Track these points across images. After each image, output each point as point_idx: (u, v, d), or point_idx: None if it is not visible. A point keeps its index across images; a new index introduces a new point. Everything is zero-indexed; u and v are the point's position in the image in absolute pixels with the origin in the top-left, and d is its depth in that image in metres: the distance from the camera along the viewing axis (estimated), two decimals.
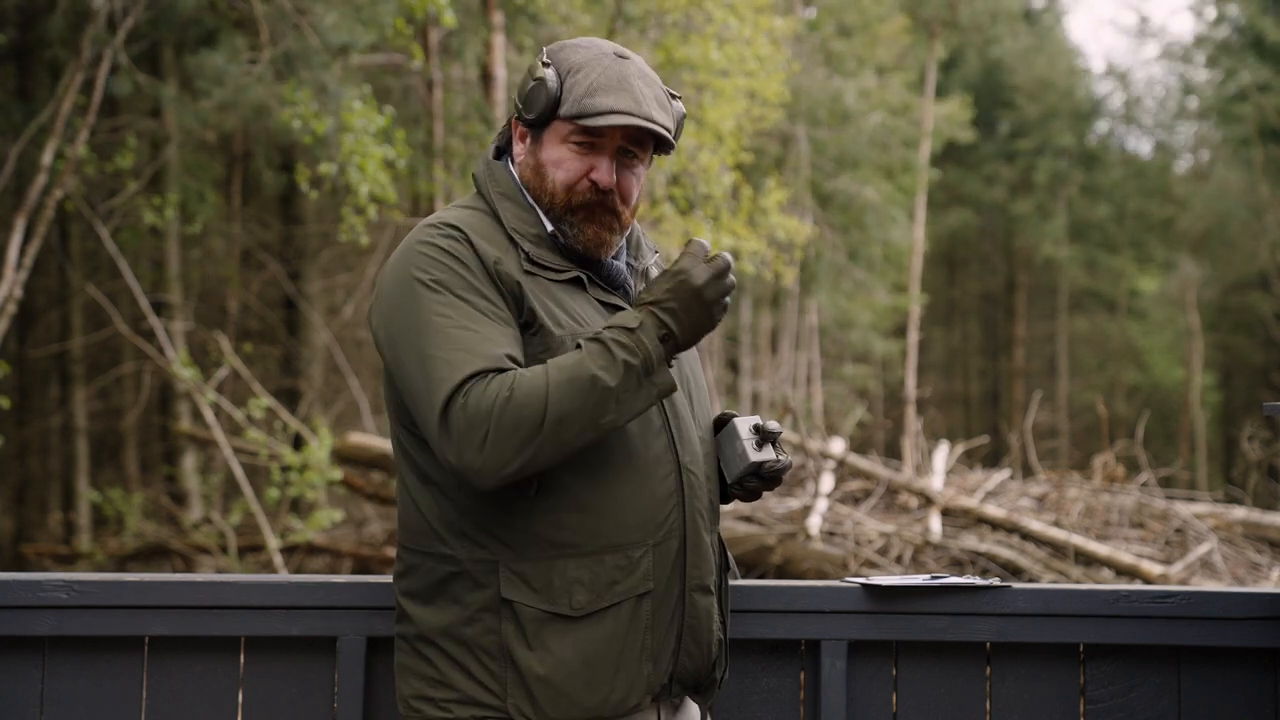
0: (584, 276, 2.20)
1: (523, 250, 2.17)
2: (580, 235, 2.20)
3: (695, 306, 2.08)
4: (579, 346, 2.06)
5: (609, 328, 2.06)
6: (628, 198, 2.21)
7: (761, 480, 2.32)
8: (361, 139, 8.78)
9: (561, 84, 2.17)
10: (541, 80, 2.18)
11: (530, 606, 2.10)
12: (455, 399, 2.01)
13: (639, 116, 2.15)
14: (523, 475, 2.04)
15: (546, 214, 2.22)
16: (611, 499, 2.12)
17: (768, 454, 2.29)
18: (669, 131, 2.20)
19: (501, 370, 2.03)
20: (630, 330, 2.04)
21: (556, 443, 2.02)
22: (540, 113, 2.18)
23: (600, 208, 2.19)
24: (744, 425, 2.30)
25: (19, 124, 10.67)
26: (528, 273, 2.15)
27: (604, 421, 2.03)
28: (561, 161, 2.18)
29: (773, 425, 2.29)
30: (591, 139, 2.18)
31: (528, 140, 2.24)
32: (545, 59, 2.21)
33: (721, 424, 2.36)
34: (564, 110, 2.16)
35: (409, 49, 11.09)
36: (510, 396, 2.00)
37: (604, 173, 2.18)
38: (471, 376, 2.02)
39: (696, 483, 2.21)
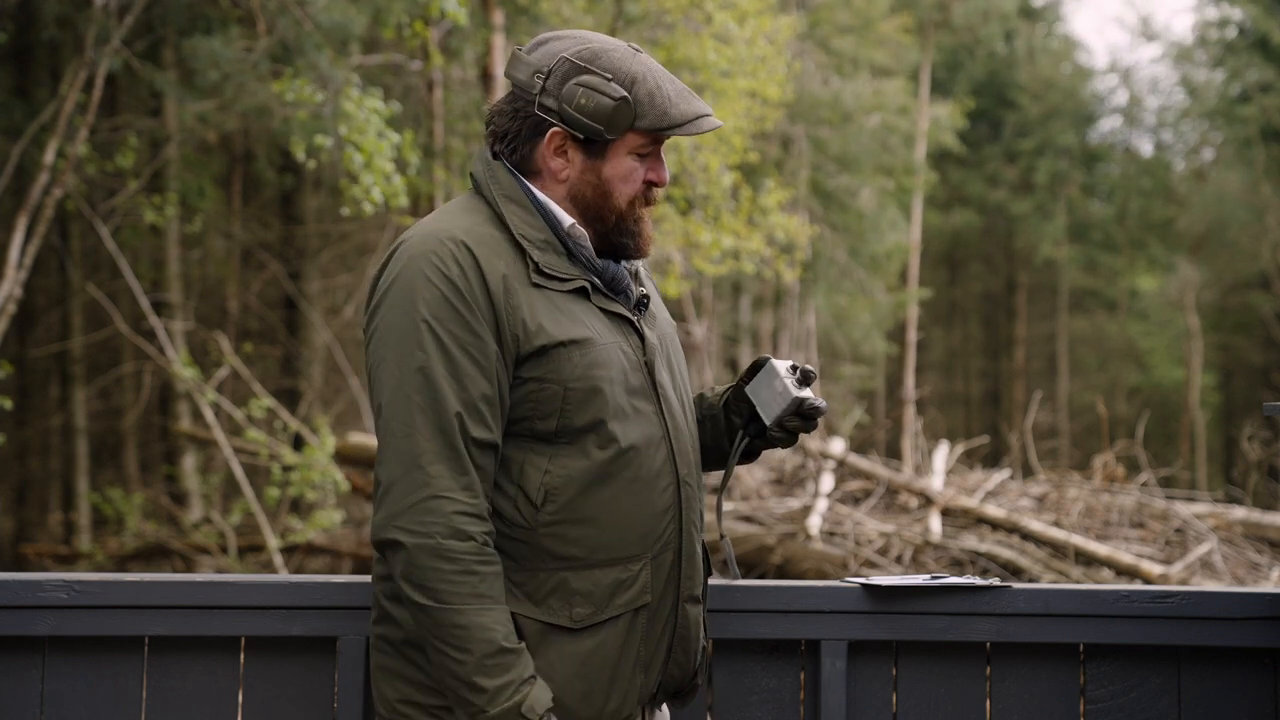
0: (588, 285, 2.16)
1: (531, 259, 2.13)
2: (642, 240, 2.21)
3: None
4: (517, 664, 2.03)
5: (513, 682, 2.02)
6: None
7: (802, 418, 2.31)
8: (359, 126, 8.67)
9: (631, 97, 2.13)
10: (611, 96, 2.11)
11: (529, 618, 2.09)
12: (424, 524, 2.02)
13: (714, 117, 2.18)
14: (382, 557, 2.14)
15: (601, 228, 2.19)
16: (615, 512, 2.11)
17: (808, 392, 2.29)
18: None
19: (470, 513, 2.04)
20: (507, 712, 2.02)
21: (405, 610, 2.10)
22: (622, 129, 2.14)
23: (648, 206, 2.22)
24: (781, 366, 2.31)
25: (20, 123, 10.67)
26: (535, 285, 2.11)
27: (427, 655, 2.08)
28: (629, 174, 2.17)
29: (809, 366, 2.30)
30: (657, 147, 2.19)
31: (579, 157, 2.17)
32: (599, 71, 2.14)
33: (758, 367, 2.34)
34: (645, 123, 2.13)
35: (425, 49, 11.06)
36: (452, 569, 2.01)
37: (663, 172, 2.20)
38: (455, 511, 2.03)
39: (692, 494, 2.20)
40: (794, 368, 2.30)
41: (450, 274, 2.07)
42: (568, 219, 2.18)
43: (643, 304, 2.24)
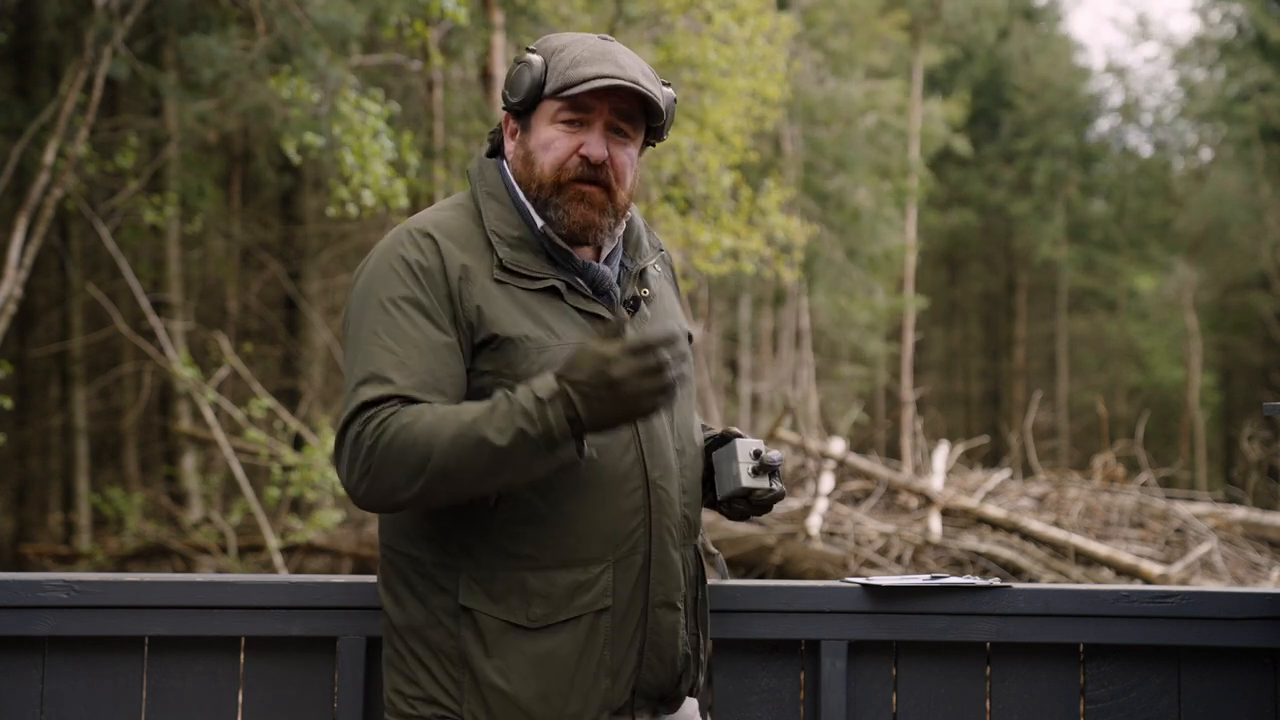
0: (560, 285, 2.15)
1: (498, 255, 2.13)
2: (567, 218, 2.15)
3: (610, 399, 1.95)
4: (503, 397, 1.99)
5: (522, 392, 1.98)
6: (621, 175, 2.17)
7: (750, 505, 2.31)
8: (355, 129, 8.66)
9: (546, 64, 2.16)
10: (526, 63, 2.16)
11: (489, 615, 2.09)
12: (353, 424, 2.03)
13: (624, 79, 2.12)
14: (417, 508, 2.06)
15: (535, 204, 2.17)
16: (571, 514, 2.10)
17: (761, 482, 2.28)
18: (658, 99, 2.17)
19: (409, 400, 2.02)
20: (540, 401, 1.96)
21: (447, 489, 2.01)
22: (526, 95, 2.15)
23: (593, 185, 2.15)
24: (745, 449, 2.29)
25: (20, 123, 10.68)
26: (499, 281, 2.11)
27: (498, 480, 2.01)
28: (550, 142, 2.15)
29: (774, 455, 2.28)
30: (580, 115, 2.14)
31: (517, 134, 2.21)
32: (530, 47, 2.21)
33: (724, 441, 2.34)
34: (549, 87, 2.14)
35: (425, 49, 11.07)
36: (396, 435, 1.98)
37: (594, 145, 2.14)
38: (375, 402, 2.02)
39: (666, 499, 2.17)
40: (756, 454, 2.28)
41: (409, 258, 2.11)
42: (540, 220, 2.18)
43: (630, 305, 2.23)
